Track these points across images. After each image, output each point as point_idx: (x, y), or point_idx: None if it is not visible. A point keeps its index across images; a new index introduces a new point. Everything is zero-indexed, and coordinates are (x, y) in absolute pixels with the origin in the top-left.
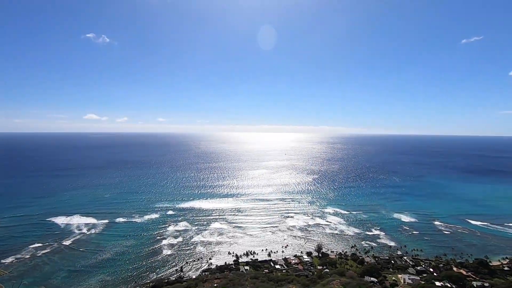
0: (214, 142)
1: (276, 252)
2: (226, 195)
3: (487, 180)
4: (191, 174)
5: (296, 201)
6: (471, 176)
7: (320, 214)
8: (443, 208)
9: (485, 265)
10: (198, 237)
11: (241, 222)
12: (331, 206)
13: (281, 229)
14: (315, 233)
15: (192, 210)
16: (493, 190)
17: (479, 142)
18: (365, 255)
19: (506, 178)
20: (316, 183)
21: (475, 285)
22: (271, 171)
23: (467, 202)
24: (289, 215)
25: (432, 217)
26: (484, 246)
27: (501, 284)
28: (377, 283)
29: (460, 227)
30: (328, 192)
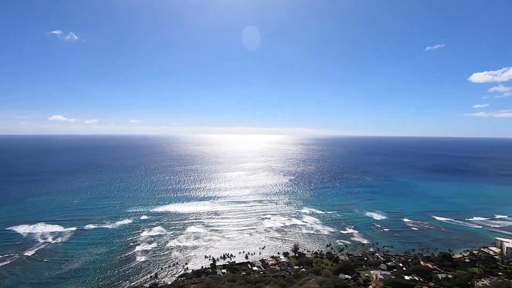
0: (190, 144)
1: (254, 254)
2: (203, 198)
3: (449, 179)
4: (166, 177)
5: (273, 202)
6: (435, 175)
7: (296, 214)
8: (411, 206)
9: (449, 258)
10: (174, 241)
11: (218, 225)
12: (307, 207)
13: (259, 230)
14: (292, 234)
15: (167, 214)
16: (455, 187)
17: (441, 142)
18: (339, 253)
19: (466, 176)
20: (292, 184)
21: (440, 277)
22: (248, 173)
23: (432, 200)
24: (266, 216)
25: (401, 215)
26: (448, 240)
27: (462, 275)
28: (351, 280)
29: (427, 223)
30: (304, 192)
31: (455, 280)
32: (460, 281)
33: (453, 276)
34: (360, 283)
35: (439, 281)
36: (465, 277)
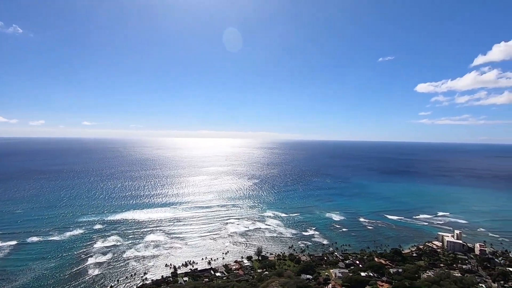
0: (150, 148)
1: (217, 260)
2: (164, 204)
3: (399, 180)
4: (124, 183)
5: (237, 206)
6: (387, 177)
7: (260, 218)
8: (366, 206)
9: (399, 254)
10: (131, 251)
11: (180, 232)
12: (270, 210)
13: (222, 236)
14: (256, 237)
15: (124, 222)
16: (404, 188)
17: (392, 146)
18: (301, 254)
19: (413, 177)
20: (256, 187)
21: (391, 272)
22: (212, 177)
23: (385, 200)
24: (230, 221)
25: (357, 215)
26: (398, 237)
27: (410, 268)
28: (312, 279)
29: (380, 222)
30: (268, 196)
31: (404, 273)
32: (409, 274)
33: (402, 270)
34: (320, 282)
35: (391, 275)
36: (413, 270)
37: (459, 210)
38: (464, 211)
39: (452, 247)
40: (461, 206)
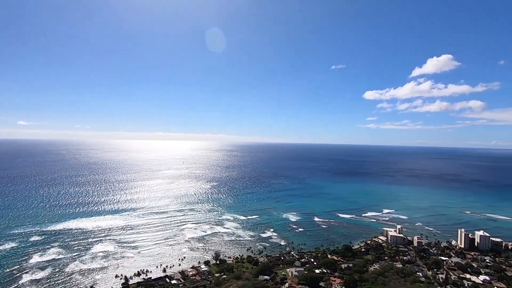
0: (99, 150)
1: (172, 267)
2: (114, 211)
3: (350, 180)
4: (68, 189)
5: (195, 211)
6: (339, 177)
7: (218, 221)
8: (321, 206)
9: (350, 250)
10: (75, 264)
11: (132, 240)
12: (229, 213)
13: (178, 242)
14: (214, 242)
15: (67, 232)
16: (354, 187)
17: (342, 149)
18: (259, 256)
19: (362, 177)
20: (215, 190)
21: (343, 267)
22: (168, 181)
23: (337, 199)
24: (187, 226)
25: (312, 215)
26: (349, 234)
27: (359, 263)
28: (270, 280)
29: (333, 220)
30: (226, 199)
31: (354, 268)
32: (358, 268)
33: (352, 265)
34: (277, 282)
35: (342, 271)
36: (361, 264)
37: (401, 207)
38: (405, 208)
39: (395, 241)
40: (403, 203)
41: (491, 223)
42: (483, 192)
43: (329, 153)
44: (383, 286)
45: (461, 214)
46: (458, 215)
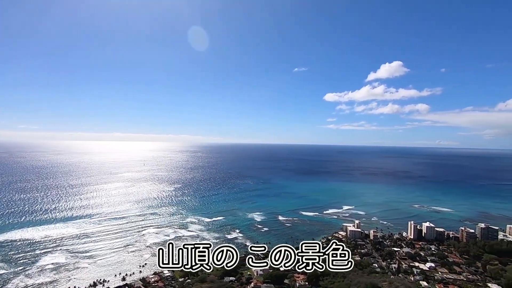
0: (48, 153)
1: (133, 275)
2: (67, 218)
3: (312, 179)
4: (10, 197)
5: (157, 214)
6: (302, 177)
7: (182, 225)
8: (285, 205)
9: None
10: (20, 279)
11: (87, 249)
12: (193, 215)
13: (139, 248)
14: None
15: (10, 244)
16: (316, 186)
17: (305, 149)
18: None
19: (323, 176)
20: (178, 193)
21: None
22: (128, 184)
23: (301, 198)
24: (149, 231)
25: (277, 214)
26: (312, 231)
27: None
28: (235, 281)
29: (297, 218)
30: (190, 201)
31: None
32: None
33: None
34: (243, 282)
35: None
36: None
37: (359, 203)
38: (363, 204)
39: (354, 235)
40: (361, 200)
41: (436, 215)
42: (429, 187)
43: (292, 153)
44: (343, 278)
45: (411, 208)
46: (408, 209)
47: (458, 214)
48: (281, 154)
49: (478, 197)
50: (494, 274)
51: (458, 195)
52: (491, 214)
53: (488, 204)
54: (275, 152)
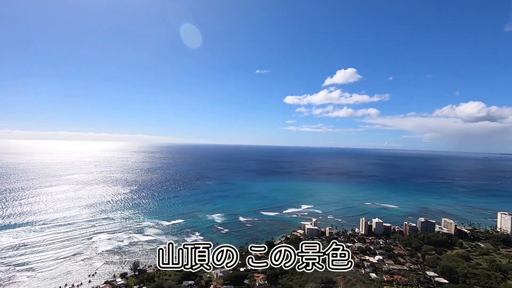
0: None
1: (81, 286)
2: (2, 227)
3: (273, 179)
4: None
5: (111, 219)
6: (263, 177)
7: (138, 229)
8: (246, 206)
9: (272, 245)
10: None
11: (27, 261)
12: (151, 219)
13: (89, 256)
14: (133, 252)
15: None
16: (277, 186)
17: (266, 149)
18: None
19: (283, 176)
20: (134, 195)
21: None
22: (77, 187)
23: (261, 198)
24: (100, 237)
25: (238, 215)
26: (272, 230)
27: None
28: (194, 284)
29: (257, 219)
30: (148, 204)
31: None
32: None
33: None
34: (202, 285)
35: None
36: None
37: (317, 202)
38: (320, 202)
39: (311, 233)
40: (318, 198)
41: (384, 211)
42: (378, 185)
43: (253, 153)
44: (301, 275)
45: (363, 205)
46: (361, 206)
47: (403, 210)
48: (243, 155)
49: (419, 194)
50: (431, 263)
51: (403, 192)
52: (429, 209)
53: (427, 200)
54: (237, 153)
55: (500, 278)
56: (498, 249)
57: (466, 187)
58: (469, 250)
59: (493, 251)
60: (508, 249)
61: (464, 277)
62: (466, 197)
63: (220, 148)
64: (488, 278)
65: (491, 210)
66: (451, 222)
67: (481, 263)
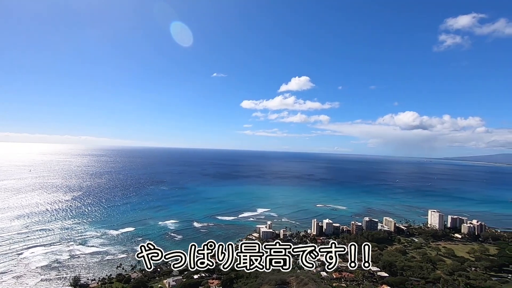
0: None
1: None
2: None
3: (229, 183)
4: None
5: (48, 230)
6: (219, 181)
7: (81, 240)
8: (201, 210)
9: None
10: None
11: None
12: (96, 228)
13: (20, 274)
14: (74, 266)
15: None
16: (233, 190)
17: (222, 153)
18: (131, 272)
19: (239, 180)
20: (77, 202)
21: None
22: (5, 195)
23: (217, 203)
24: (35, 252)
25: (192, 220)
26: (227, 234)
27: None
28: None
29: (212, 223)
30: (93, 211)
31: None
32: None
33: None
34: None
35: (220, 271)
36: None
37: (272, 205)
38: (276, 206)
39: (266, 236)
40: (274, 202)
41: (334, 212)
42: (329, 188)
43: (210, 157)
44: (256, 278)
45: (315, 207)
46: (313, 208)
47: (351, 211)
48: (198, 159)
49: (365, 196)
50: (374, 259)
51: (351, 194)
52: (373, 209)
53: (372, 200)
54: (193, 157)
55: (430, 268)
56: (428, 243)
57: (404, 188)
58: (405, 245)
59: (425, 245)
60: (437, 243)
61: (401, 269)
62: (403, 197)
63: (176, 152)
64: (421, 269)
65: (424, 208)
66: (391, 220)
67: (415, 256)
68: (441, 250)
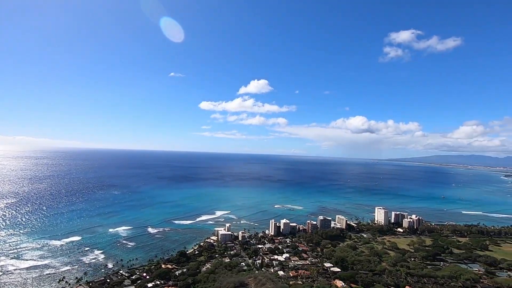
0: None
1: None
2: None
3: (186, 186)
4: None
5: None
6: (175, 184)
7: (15, 254)
8: (155, 215)
9: (184, 255)
10: None
11: None
12: (35, 239)
13: None
14: (6, 283)
15: None
16: (190, 193)
17: (179, 155)
18: (76, 285)
19: (197, 182)
20: (12, 211)
21: (176, 274)
22: None
23: (173, 206)
24: None
25: (146, 225)
26: (184, 239)
27: (193, 266)
28: None
29: (168, 228)
30: (32, 220)
31: (188, 272)
32: (192, 271)
33: (187, 269)
34: None
35: (176, 278)
36: (195, 266)
37: (231, 207)
38: (234, 207)
39: (224, 238)
40: (233, 204)
41: (291, 212)
42: (286, 189)
43: (165, 159)
44: (214, 282)
45: (274, 208)
46: (272, 209)
47: (307, 210)
48: (153, 161)
49: (320, 195)
50: (328, 255)
51: (307, 194)
52: (327, 208)
53: (326, 200)
54: (147, 159)
55: (377, 261)
56: (375, 238)
57: (354, 188)
58: (356, 241)
59: (372, 239)
60: (382, 237)
61: (352, 264)
62: (354, 196)
63: (129, 154)
64: (369, 263)
65: (371, 206)
66: (343, 218)
67: (364, 251)
68: (386, 244)
